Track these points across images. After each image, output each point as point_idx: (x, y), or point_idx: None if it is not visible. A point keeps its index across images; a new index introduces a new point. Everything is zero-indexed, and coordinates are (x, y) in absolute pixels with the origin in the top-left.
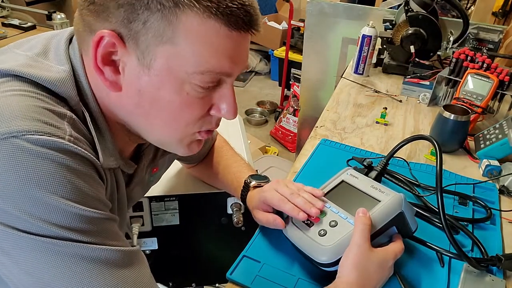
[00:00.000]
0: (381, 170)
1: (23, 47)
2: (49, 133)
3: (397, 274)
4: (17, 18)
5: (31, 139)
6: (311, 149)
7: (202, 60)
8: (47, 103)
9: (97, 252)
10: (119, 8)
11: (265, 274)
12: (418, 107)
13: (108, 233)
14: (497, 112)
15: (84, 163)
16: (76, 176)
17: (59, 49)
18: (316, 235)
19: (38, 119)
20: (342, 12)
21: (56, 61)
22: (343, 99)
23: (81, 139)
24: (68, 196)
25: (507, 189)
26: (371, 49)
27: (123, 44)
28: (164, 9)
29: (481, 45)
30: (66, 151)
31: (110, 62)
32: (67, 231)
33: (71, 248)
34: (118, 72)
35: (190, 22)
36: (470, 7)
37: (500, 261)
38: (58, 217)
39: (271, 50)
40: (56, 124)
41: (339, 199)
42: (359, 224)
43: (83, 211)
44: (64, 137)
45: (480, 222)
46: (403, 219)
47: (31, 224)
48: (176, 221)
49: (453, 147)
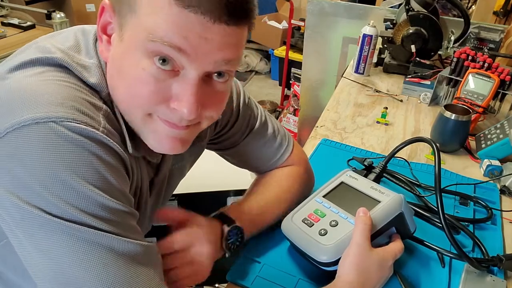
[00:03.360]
0: (380, 172)
1: (55, 39)
2: (85, 123)
3: (398, 274)
4: (16, 17)
5: (68, 126)
6: (312, 149)
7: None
8: (85, 94)
9: (116, 242)
10: None
11: (265, 274)
12: (419, 107)
13: (128, 226)
14: (498, 112)
15: (114, 155)
16: (105, 166)
17: (88, 44)
18: (317, 234)
19: (76, 108)
20: (343, 11)
21: (86, 55)
22: (344, 98)
23: (113, 132)
24: (96, 184)
25: (508, 189)
26: (371, 49)
27: (114, 14)
28: None
29: (482, 44)
30: (98, 141)
31: (105, 33)
32: (90, 217)
33: (91, 235)
34: (110, 44)
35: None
36: (471, 6)
37: (501, 262)
38: (83, 202)
39: (271, 49)
40: (92, 115)
41: (339, 200)
42: (359, 224)
43: (108, 201)
44: (98, 128)
45: (481, 222)
46: (403, 219)
47: (56, 207)
48: None
49: (454, 147)
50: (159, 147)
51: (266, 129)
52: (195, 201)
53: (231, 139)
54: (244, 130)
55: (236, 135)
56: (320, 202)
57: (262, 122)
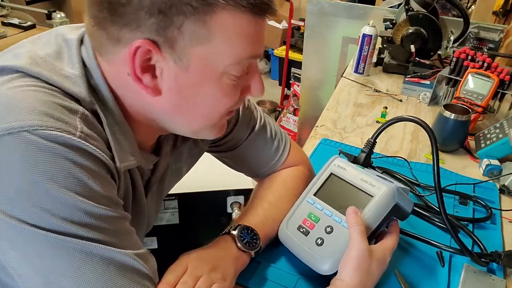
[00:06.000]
0: (368, 152)
1: (36, 44)
2: (59, 129)
3: (397, 274)
4: (16, 17)
5: (42, 134)
6: (311, 148)
7: (238, 51)
8: (59, 98)
9: (102, 251)
10: (151, 17)
11: (265, 273)
12: (419, 107)
13: (117, 231)
14: (498, 111)
15: (94, 161)
16: (84, 172)
17: (71, 51)
18: (314, 245)
19: (49, 114)
20: (343, 11)
21: (68, 64)
22: (344, 98)
23: (94, 136)
24: (77, 191)
25: (507, 188)
26: (371, 49)
27: (159, 51)
28: (197, 11)
29: (481, 44)
30: (75, 147)
31: (147, 69)
32: (75, 226)
33: (77, 244)
34: (156, 77)
35: (224, 19)
36: (470, 6)
37: (499, 257)
38: (66, 211)
39: (271, 49)
40: (68, 120)
41: (331, 198)
42: (353, 226)
43: (92, 207)
44: (75, 133)
45: (480, 221)
46: (399, 208)
47: (38, 218)
48: (176, 220)
49: (453, 147)
50: (217, 133)
51: (265, 131)
52: (195, 201)
53: (231, 141)
54: (244, 132)
55: (236, 138)
56: (312, 203)
57: (261, 124)
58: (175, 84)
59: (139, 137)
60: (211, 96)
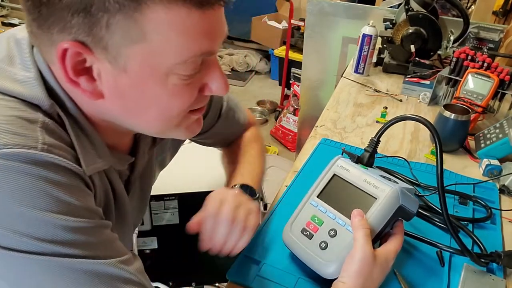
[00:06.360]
0: (372, 151)
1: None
2: (18, 145)
3: (397, 274)
4: (16, 17)
5: (1, 154)
6: (311, 148)
7: (181, 49)
8: (15, 109)
9: (86, 265)
10: (74, 16)
11: (265, 273)
12: (419, 107)
13: (99, 242)
14: (498, 111)
15: (62, 172)
16: (54, 187)
17: (23, 54)
18: (318, 248)
19: (6, 130)
20: (343, 11)
21: (22, 68)
22: (343, 98)
23: (58, 144)
24: (49, 208)
25: (507, 188)
26: (371, 49)
27: (90, 52)
28: (124, 8)
29: (481, 44)
30: (39, 161)
31: (82, 71)
32: (52, 245)
33: (59, 262)
34: (94, 79)
35: (157, 15)
36: (470, 6)
37: (499, 257)
38: (41, 231)
39: (271, 49)
40: (27, 133)
41: (334, 200)
42: (358, 228)
43: (68, 222)
44: (36, 146)
45: (480, 221)
46: (403, 209)
47: (14, 240)
48: (176, 220)
49: (453, 147)
50: (189, 134)
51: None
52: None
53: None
54: (215, 115)
55: (208, 122)
56: (315, 206)
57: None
58: (115, 86)
59: (108, 138)
60: (158, 97)
